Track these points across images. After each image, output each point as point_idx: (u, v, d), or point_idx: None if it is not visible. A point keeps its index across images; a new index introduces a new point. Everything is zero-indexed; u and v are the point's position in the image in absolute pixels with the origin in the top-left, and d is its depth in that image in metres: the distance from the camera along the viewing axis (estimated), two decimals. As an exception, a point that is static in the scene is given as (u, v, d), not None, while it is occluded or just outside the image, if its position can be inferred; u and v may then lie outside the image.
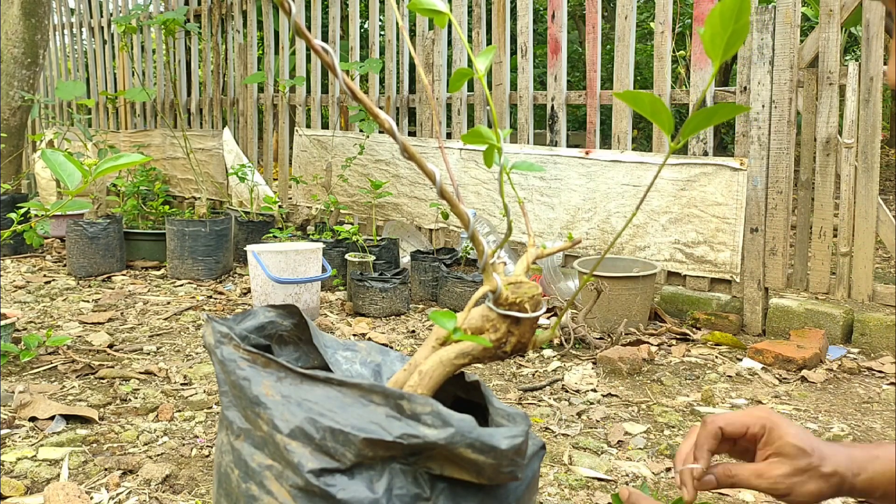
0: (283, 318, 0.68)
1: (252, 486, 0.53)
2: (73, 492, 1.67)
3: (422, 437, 0.49)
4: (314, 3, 4.96)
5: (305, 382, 0.52)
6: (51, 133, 5.65)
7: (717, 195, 3.22)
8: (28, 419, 2.11)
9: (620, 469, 1.90)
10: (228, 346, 0.55)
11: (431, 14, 0.54)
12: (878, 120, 2.90)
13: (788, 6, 3.04)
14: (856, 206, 2.96)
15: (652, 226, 3.42)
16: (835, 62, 2.97)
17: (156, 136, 6.12)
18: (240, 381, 0.54)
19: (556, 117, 3.82)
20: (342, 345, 0.70)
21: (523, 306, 0.56)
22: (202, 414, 2.21)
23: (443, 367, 0.55)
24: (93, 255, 4.09)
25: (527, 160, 0.97)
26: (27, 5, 4.91)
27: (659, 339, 3.02)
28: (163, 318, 3.27)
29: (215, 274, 4.10)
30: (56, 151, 1.12)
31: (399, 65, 4.59)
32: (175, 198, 5.91)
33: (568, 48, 4.97)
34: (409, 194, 4.40)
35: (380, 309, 3.36)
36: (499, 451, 0.49)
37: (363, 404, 0.51)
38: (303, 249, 3.38)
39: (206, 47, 5.85)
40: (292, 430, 0.50)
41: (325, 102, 5.00)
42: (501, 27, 4.04)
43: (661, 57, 3.42)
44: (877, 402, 2.40)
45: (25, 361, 2.58)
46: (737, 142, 3.23)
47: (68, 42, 7.08)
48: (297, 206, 5.07)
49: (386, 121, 0.48)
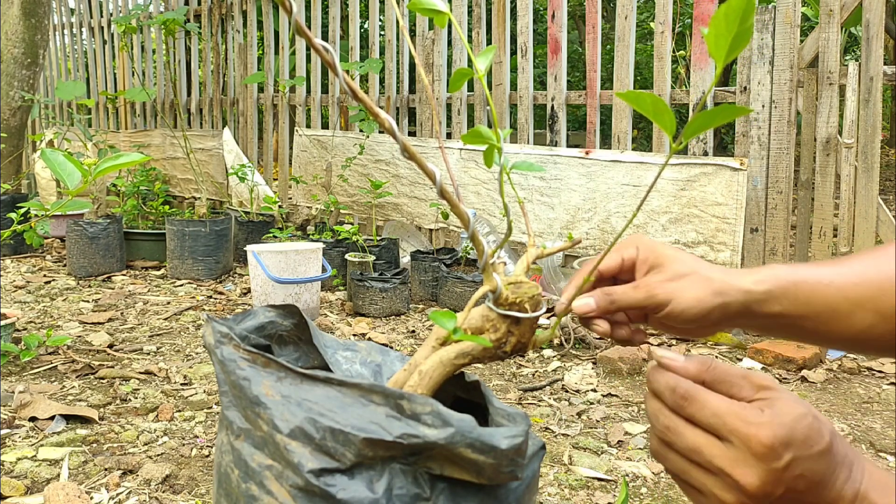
0: (283, 318, 0.68)
1: (252, 486, 0.52)
2: (73, 492, 1.67)
3: (422, 436, 0.49)
4: (314, 3, 4.96)
5: (305, 382, 0.52)
6: (51, 133, 5.65)
7: (717, 195, 3.22)
8: (28, 419, 2.10)
9: (620, 469, 1.90)
10: (228, 346, 0.55)
11: (431, 14, 0.54)
12: (878, 120, 2.90)
13: (788, 6, 3.04)
14: (856, 206, 2.96)
15: (652, 226, 3.42)
16: (835, 62, 2.97)
17: (156, 136, 6.12)
18: (240, 381, 0.54)
19: (556, 117, 3.82)
20: (342, 345, 0.70)
21: (523, 306, 0.56)
22: (202, 414, 2.21)
23: (443, 367, 0.55)
24: (93, 255, 4.09)
25: (527, 160, 0.97)
26: (27, 5, 4.91)
27: (659, 339, 3.02)
28: (163, 318, 3.27)
29: (215, 274, 4.10)
30: (56, 151, 1.12)
31: (399, 65, 4.59)
32: (175, 198, 5.91)
33: (568, 48, 4.97)
34: (409, 194, 4.40)
35: (380, 309, 3.36)
36: (499, 451, 0.49)
37: (363, 404, 0.51)
38: (303, 249, 3.38)
39: (206, 47, 5.85)
40: (292, 430, 0.50)
41: (325, 102, 5.00)
42: (501, 27, 4.04)
43: (661, 57, 3.42)
44: (877, 402, 2.40)
45: (25, 361, 2.58)
46: (737, 142, 3.23)
47: (68, 42, 7.08)
48: (297, 206, 5.07)
49: (386, 120, 0.48)
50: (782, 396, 0.58)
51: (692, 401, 0.59)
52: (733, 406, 0.58)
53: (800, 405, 0.58)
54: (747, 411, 0.57)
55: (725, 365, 0.61)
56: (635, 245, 0.71)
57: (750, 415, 0.57)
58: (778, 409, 0.57)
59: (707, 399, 0.59)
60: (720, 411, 0.58)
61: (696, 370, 0.61)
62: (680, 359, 0.62)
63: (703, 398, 0.59)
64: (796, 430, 0.56)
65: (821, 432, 0.57)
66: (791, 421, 0.57)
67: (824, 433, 0.57)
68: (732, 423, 0.57)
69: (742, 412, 0.57)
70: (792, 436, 0.56)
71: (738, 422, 0.57)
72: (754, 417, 0.57)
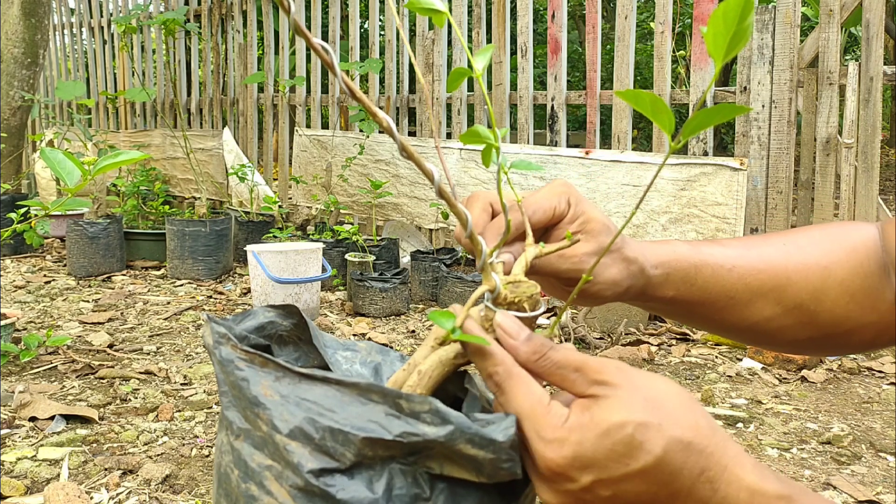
0: (283, 318, 0.68)
1: (252, 486, 0.53)
2: (73, 492, 1.67)
3: (421, 434, 0.49)
4: (314, 3, 4.96)
5: (304, 382, 0.52)
6: (51, 133, 5.65)
7: (717, 195, 3.22)
8: (28, 419, 2.11)
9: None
10: (227, 347, 0.55)
11: (430, 13, 0.54)
12: (878, 120, 2.90)
13: (788, 6, 3.04)
14: (856, 206, 2.95)
15: (652, 226, 3.42)
16: (835, 62, 2.97)
17: (156, 136, 6.13)
18: (239, 382, 0.54)
19: (556, 117, 3.82)
20: (342, 345, 0.70)
21: (522, 306, 0.56)
22: (202, 414, 2.21)
23: (442, 367, 0.55)
24: (93, 254, 4.09)
25: (527, 160, 0.97)
26: (27, 5, 4.91)
27: (659, 339, 3.02)
28: (163, 318, 3.27)
29: (215, 274, 4.10)
30: (56, 150, 1.12)
31: (399, 65, 4.59)
32: (175, 198, 5.91)
33: (568, 48, 4.97)
34: (409, 194, 4.40)
35: (380, 309, 3.36)
36: (497, 445, 0.48)
37: (362, 403, 0.51)
38: (303, 249, 3.38)
39: (206, 47, 5.85)
40: (291, 430, 0.50)
41: (325, 102, 5.00)
42: (501, 27, 4.04)
43: (661, 57, 3.42)
44: (877, 402, 2.40)
45: (25, 361, 2.58)
46: (737, 142, 3.23)
47: (68, 42, 7.08)
48: (297, 206, 5.07)
49: (384, 120, 0.48)
50: (613, 395, 0.49)
51: (502, 392, 0.52)
52: (536, 408, 0.49)
53: (625, 410, 0.48)
54: (545, 420, 0.49)
55: (563, 353, 0.53)
56: (568, 199, 0.64)
57: (545, 428, 0.49)
58: (593, 415, 0.48)
59: (514, 392, 0.51)
60: (521, 412, 0.50)
61: (526, 357, 0.53)
62: (519, 335, 0.53)
63: (512, 390, 0.51)
64: (599, 449, 0.47)
65: (644, 447, 0.47)
66: (596, 437, 0.48)
67: (650, 447, 0.47)
68: (528, 432, 0.50)
69: (539, 420, 0.49)
70: (591, 456, 0.47)
71: (532, 432, 0.49)
72: (549, 432, 0.49)
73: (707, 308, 0.70)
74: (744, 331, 0.72)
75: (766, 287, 0.70)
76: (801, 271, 0.70)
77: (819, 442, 2.10)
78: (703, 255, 0.69)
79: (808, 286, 0.70)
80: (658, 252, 0.68)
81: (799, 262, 0.70)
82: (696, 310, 0.70)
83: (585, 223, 0.64)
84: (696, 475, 0.48)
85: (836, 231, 0.73)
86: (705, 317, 0.71)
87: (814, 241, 0.72)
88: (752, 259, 0.70)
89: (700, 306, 0.70)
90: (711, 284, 0.69)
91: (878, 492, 1.82)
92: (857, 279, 0.70)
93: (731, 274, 0.69)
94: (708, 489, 0.48)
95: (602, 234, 0.65)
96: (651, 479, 0.48)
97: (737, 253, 0.70)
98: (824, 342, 0.73)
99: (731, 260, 0.70)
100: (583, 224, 0.64)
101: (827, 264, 0.70)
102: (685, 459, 0.48)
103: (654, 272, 0.67)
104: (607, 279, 0.65)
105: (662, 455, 0.47)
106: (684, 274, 0.68)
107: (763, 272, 0.70)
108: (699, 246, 0.70)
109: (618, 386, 0.49)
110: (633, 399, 0.48)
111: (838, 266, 0.70)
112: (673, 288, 0.68)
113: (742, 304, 0.70)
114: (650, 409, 0.48)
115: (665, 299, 0.69)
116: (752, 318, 0.70)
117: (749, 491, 0.49)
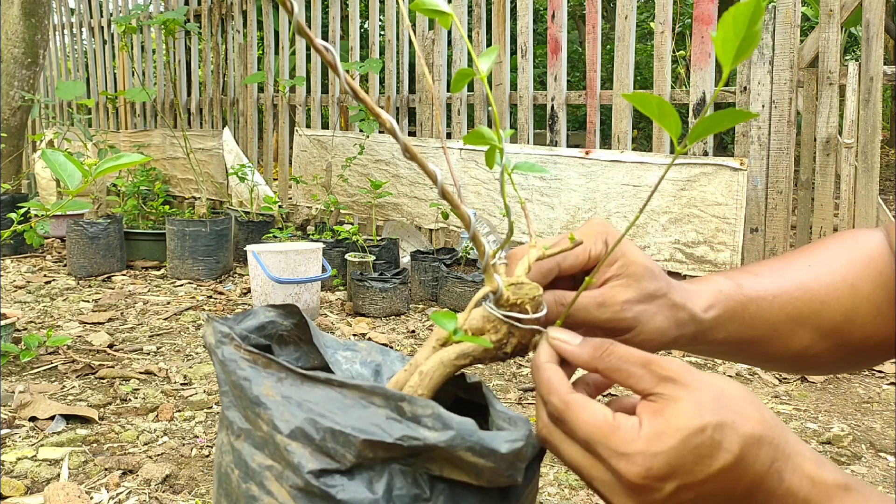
0: (284, 318, 0.68)
1: (252, 486, 0.52)
2: (73, 492, 1.67)
3: (422, 439, 0.48)
4: (314, 3, 4.96)
5: (306, 383, 0.52)
6: (51, 133, 5.65)
7: (717, 195, 3.22)
8: (28, 419, 2.10)
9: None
10: (229, 346, 0.55)
11: (435, 14, 0.54)
12: (878, 120, 2.90)
13: (788, 6, 3.04)
14: (856, 206, 2.96)
15: (652, 226, 3.42)
16: (835, 62, 2.97)
17: (156, 136, 6.12)
18: (240, 382, 0.54)
19: (556, 117, 3.82)
20: (342, 345, 0.70)
21: (524, 308, 0.56)
22: (202, 414, 2.21)
23: (443, 368, 0.55)
24: (93, 255, 4.09)
25: (527, 160, 0.97)
26: (27, 5, 4.91)
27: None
28: (163, 318, 3.27)
29: (215, 274, 4.10)
30: (56, 151, 1.12)
31: (399, 65, 4.59)
32: (175, 198, 5.91)
33: (568, 48, 4.97)
34: (409, 194, 4.40)
35: (380, 309, 3.36)
36: (499, 455, 0.48)
37: (363, 406, 0.51)
38: (303, 249, 3.38)
39: (206, 47, 5.85)
40: (292, 430, 0.50)
41: (325, 102, 5.00)
42: (501, 27, 4.04)
43: (661, 57, 3.42)
44: (877, 402, 2.40)
45: (25, 361, 2.58)
46: (737, 142, 3.23)
47: (68, 42, 7.08)
48: (297, 206, 5.07)
49: (388, 121, 0.48)
50: (685, 397, 0.49)
51: (563, 422, 0.51)
52: (604, 429, 0.49)
53: (700, 412, 0.48)
54: (618, 436, 0.48)
55: (626, 350, 0.52)
56: (604, 238, 0.60)
57: (620, 443, 0.48)
58: (668, 421, 0.48)
59: (577, 420, 0.50)
60: (591, 437, 0.49)
61: (589, 356, 0.53)
62: (574, 340, 0.53)
63: (574, 419, 0.50)
64: (681, 455, 0.47)
65: (723, 447, 0.48)
66: (678, 443, 0.47)
67: (729, 446, 0.48)
68: (603, 452, 0.49)
69: (612, 439, 0.49)
70: (675, 464, 0.47)
71: (607, 451, 0.49)
72: (624, 446, 0.48)
73: (753, 344, 0.68)
74: (787, 360, 0.71)
75: (804, 315, 0.68)
76: (832, 293, 0.69)
77: (819, 442, 2.10)
78: (745, 291, 0.67)
79: (840, 308, 0.69)
80: (704, 294, 0.65)
81: (828, 283, 0.69)
82: (745, 347, 0.68)
83: (626, 266, 0.59)
84: (766, 467, 0.49)
85: (850, 241, 0.72)
86: (752, 353, 0.69)
87: (836, 257, 0.71)
88: (787, 286, 0.69)
89: (748, 344, 0.68)
90: (757, 320, 0.67)
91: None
92: (880, 291, 0.70)
93: (773, 305, 0.67)
94: (776, 479, 0.49)
95: (645, 278, 0.59)
96: (729, 477, 0.48)
97: (771, 282, 0.68)
98: (855, 360, 0.73)
99: (771, 290, 0.68)
100: (623, 267, 0.59)
101: (853, 281, 0.69)
102: (758, 453, 0.49)
103: (705, 316, 0.64)
104: (653, 329, 0.60)
105: (740, 452, 0.48)
106: (733, 313, 0.66)
107: (799, 299, 0.68)
108: (738, 279, 0.68)
109: (687, 385, 0.49)
110: (704, 399, 0.48)
111: (862, 281, 0.70)
112: (723, 330, 0.65)
113: (785, 336, 0.68)
114: (721, 408, 0.48)
115: (716, 342, 0.66)
116: (794, 347, 0.69)
117: (810, 480, 0.50)
